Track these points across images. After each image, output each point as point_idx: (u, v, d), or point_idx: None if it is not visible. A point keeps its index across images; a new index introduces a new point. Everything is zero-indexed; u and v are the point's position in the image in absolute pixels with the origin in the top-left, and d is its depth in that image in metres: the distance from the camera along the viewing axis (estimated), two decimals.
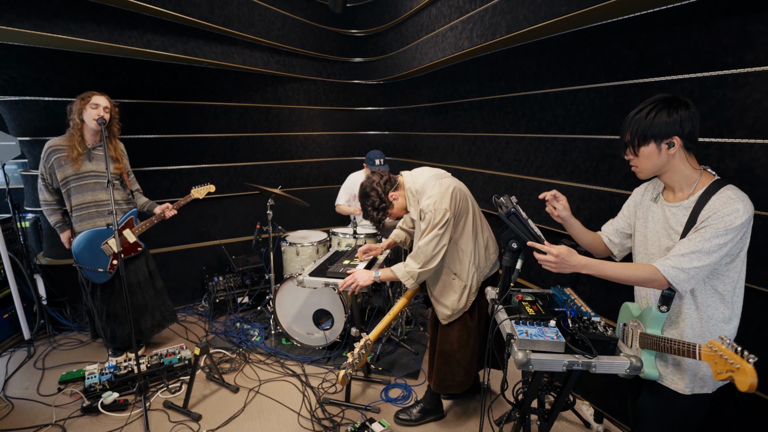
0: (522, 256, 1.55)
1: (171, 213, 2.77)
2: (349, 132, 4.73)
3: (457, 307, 2.03)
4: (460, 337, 2.09)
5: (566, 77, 2.40)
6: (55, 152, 2.52)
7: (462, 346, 2.10)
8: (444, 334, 2.12)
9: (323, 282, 2.19)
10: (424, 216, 1.90)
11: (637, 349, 1.41)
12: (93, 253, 2.60)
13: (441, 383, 2.16)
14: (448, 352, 2.12)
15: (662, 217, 1.37)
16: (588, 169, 2.32)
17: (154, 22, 2.96)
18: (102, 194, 2.63)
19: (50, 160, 2.52)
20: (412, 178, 2.04)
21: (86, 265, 2.59)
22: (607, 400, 2.31)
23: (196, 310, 3.74)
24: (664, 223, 1.36)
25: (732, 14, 1.62)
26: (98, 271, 2.61)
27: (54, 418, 2.29)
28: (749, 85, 1.59)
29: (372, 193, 2.02)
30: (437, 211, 1.86)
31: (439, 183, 1.93)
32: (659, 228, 1.38)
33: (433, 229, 1.87)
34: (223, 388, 2.59)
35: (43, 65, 2.87)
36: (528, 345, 1.33)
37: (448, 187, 1.92)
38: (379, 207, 2.01)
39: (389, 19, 4.02)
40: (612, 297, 2.26)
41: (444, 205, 1.87)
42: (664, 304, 1.32)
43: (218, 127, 3.83)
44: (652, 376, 1.37)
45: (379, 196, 2.01)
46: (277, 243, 3.55)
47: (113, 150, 2.63)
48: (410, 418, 2.28)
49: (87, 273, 2.61)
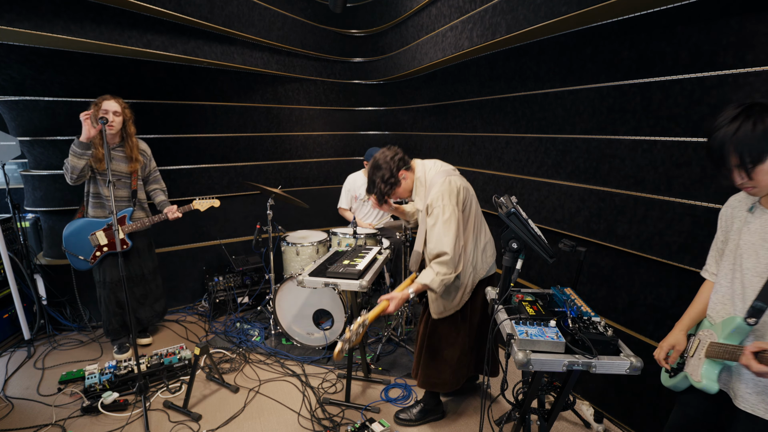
0: (522, 256, 1.55)
1: (174, 216, 2.82)
2: (349, 132, 4.73)
3: (450, 305, 2.04)
4: (448, 333, 2.10)
5: (566, 77, 2.40)
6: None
7: (450, 343, 2.10)
8: (432, 329, 2.12)
9: (323, 282, 2.19)
10: (432, 211, 1.91)
11: (700, 358, 1.32)
12: (80, 241, 2.69)
13: (426, 380, 2.17)
14: (435, 348, 2.12)
15: (761, 228, 1.22)
16: (588, 169, 2.32)
17: (154, 22, 2.96)
18: (119, 192, 2.75)
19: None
20: (423, 169, 2.05)
21: (70, 250, 2.69)
22: (607, 400, 2.31)
23: (196, 310, 3.73)
24: (765, 234, 1.20)
25: (732, 14, 1.62)
26: (79, 258, 2.71)
27: (54, 418, 2.29)
28: (749, 85, 1.59)
29: (384, 166, 2.00)
30: (445, 207, 1.88)
31: (448, 181, 1.94)
32: (757, 239, 1.22)
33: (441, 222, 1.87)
34: (223, 388, 2.59)
35: (43, 65, 2.87)
36: (528, 345, 1.33)
37: (456, 186, 1.94)
38: (388, 181, 2.00)
39: (389, 19, 4.02)
40: (612, 297, 2.26)
41: (452, 201, 1.89)
42: (753, 317, 1.17)
43: (218, 127, 3.83)
44: (710, 389, 1.27)
45: (390, 171, 1.99)
46: (277, 243, 3.55)
47: (130, 150, 2.71)
48: (410, 417, 2.28)
49: (69, 258, 2.72)
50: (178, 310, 3.69)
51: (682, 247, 1.85)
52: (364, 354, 2.66)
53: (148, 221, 2.79)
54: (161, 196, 2.93)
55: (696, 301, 1.47)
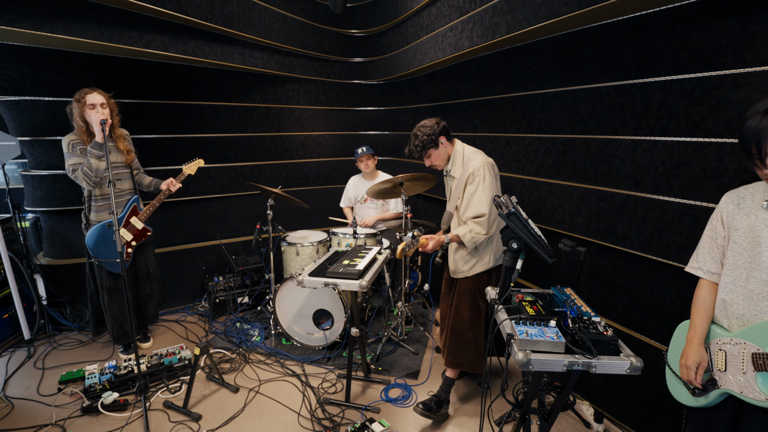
0: (522, 256, 1.55)
1: (176, 186, 2.79)
2: (349, 132, 4.73)
3: (465, 269, 2.26)
4: (472, 316, 2.27)
5: (566, 77, 2.40)
6: (77, 144, 2.58)
7: (473, 324, 2.27)
8: (456, 313, 2.30)
9: (323, 282, 2.19)
10: (474, 179, 2.14)
11: (744, 372, 1.24)
12: (108, 245, 2.66)
13: (453, 360, 2.33)
14: (460, 330, 2.29)
15: None
16: (588, 169, 2.32)
17: (154, 22, 2.96)
18: (120, 184, 2.72)
19: (76, 149, 2.57)
20: (463, 146, 2.30)
21: (104, 258, 2.66)
22: (607, 400, 2.31)
23: (196, 310, 3.73)
24: None
25: (732, 14, 1.62)
26: (116, 262, 2.67)
27: (54, 418, 2.29)
28: (749, 85, 1.59)
29: (428, 126, 2.23)
30: (486, 176, 2.13)
31: (486, 158, 2.22)
32: None
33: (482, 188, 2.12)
34: (223, 388, 2.59)
35: (43, 65, 2.87)
36: (528, 345, 1.33)
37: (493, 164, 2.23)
38: (425, 140, 2.21)
39: (389, 19, 4.02)
40: (612, 297, 2.26)
41: (491, 174, 2.16)
42: None
43: (218, 127, 3.83)
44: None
45: (432, 132, 2.21)
46: (277, 243, 3.55)
47: (121, 143, 2.70)
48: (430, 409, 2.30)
49: (106, 265, 2.69)
50: (178, 310, 3.69)
51: (682, 247, 1.85)
52: (364, 354, 2.66)
53: (156, 201, 2.76)
54: (147, 177, 2.90)
55: (701, 306, 1.40)
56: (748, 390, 1.23)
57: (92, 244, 2.64)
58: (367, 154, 3.63)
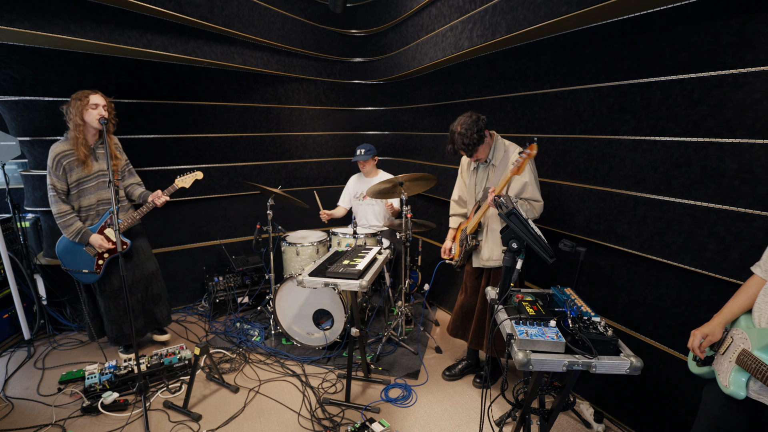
0: (522, 256, 1.55)
1: (163, 200, 2.70)
2: (349, 132, 4.73)
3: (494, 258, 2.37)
4: None
5: (566, 77, 2.40)
6: (64, 157, 2.51)
7: None
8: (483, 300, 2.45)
9: (323, 282, 2.19)
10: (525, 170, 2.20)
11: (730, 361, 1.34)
12: (75, 255, 2.61)
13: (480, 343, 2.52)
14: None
15: None
16: (588, 169, 2.32)
17: (154, 22, 2.96)
18: (105, 193, 2.65)
19: (61, 165, 2.50)
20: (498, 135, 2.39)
21: (70, 268, 2.62)
22: (607, 400, 2.31)
23: (196, 310, 3.73)
24: None
25: (732, 14, 1.62)
26: (83, 272, 2.63)
27: (54, 418, 2.29)
28: (749, 85, 1.59)
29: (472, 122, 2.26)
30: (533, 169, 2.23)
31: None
32: None
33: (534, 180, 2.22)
34: (223, 388, 2.59)
35: (43, 65, 2.87)
36: (528, 345, 1.33)
37: None
38: (476, 138, 2.25)
39: (389, 19, 4.02)
40: (612, 297, 2.26)
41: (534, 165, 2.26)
42: None
43: (218, 127, 3.83)
44: (737, 395, 1.30)
45: (479, 128, 2.25)
46: (277, 243, 3.55)
47: (112, 147, 2.64)
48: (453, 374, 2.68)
49: (74, 275, 2.65)
50: (178, 310, 3.69)
51: (682, 247, 1.85)
52: (364, 354, 2.66)
53: (138, 213, 2.70)
54: (139, 188, 2.83)
55: (739, 295, 1.43)
56: (722, 376, 1.36)
57: (60, 253, 2.59)
58: (361, 161, 3.60)
